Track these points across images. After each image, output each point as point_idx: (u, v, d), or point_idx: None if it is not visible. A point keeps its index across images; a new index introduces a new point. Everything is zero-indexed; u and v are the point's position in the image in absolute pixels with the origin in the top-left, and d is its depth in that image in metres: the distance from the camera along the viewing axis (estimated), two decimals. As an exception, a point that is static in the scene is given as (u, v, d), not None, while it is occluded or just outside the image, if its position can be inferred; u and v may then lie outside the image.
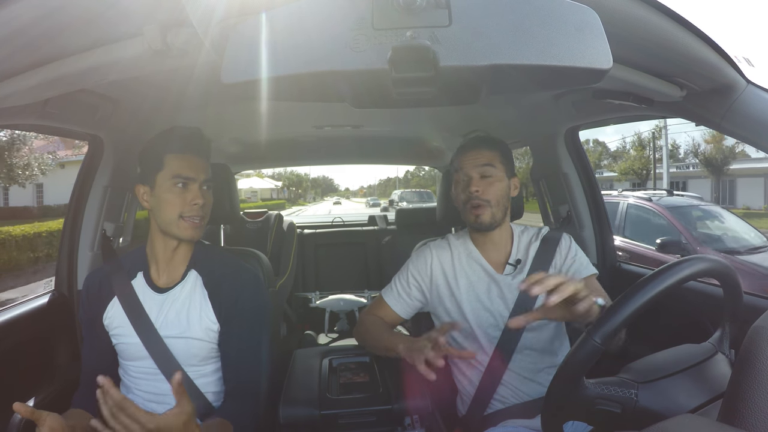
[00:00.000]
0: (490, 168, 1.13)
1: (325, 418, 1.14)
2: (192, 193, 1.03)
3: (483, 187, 1.12)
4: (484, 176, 1.13)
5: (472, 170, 1.14)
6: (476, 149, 1.16)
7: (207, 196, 1.07)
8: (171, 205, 1.02)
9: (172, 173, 1.02)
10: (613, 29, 0.56)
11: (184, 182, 1.03)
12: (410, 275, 1.23)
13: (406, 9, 0.52)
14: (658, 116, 1.17)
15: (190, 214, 1.03)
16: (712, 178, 22.68)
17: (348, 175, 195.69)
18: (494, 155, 1.15)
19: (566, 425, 0.72)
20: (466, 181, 1.15)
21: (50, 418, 0.76)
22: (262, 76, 0.55)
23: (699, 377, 0.70)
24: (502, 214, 1.15)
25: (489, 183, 1.13)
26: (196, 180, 1.04)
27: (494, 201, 1.12)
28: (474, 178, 1.13)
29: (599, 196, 1.68)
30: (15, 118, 0.97)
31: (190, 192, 1.03)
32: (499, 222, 1.15)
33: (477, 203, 1.12)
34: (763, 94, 0.83)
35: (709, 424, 0.49)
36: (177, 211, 1.02)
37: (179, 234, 1.04)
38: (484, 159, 1.14)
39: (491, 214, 1.12)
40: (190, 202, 1.02)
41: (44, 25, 0.66)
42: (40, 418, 0.75)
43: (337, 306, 2.58)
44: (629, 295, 0.65)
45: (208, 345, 1.05)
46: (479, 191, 1.12)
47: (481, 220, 1.12)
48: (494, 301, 1.15)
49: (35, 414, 0.74)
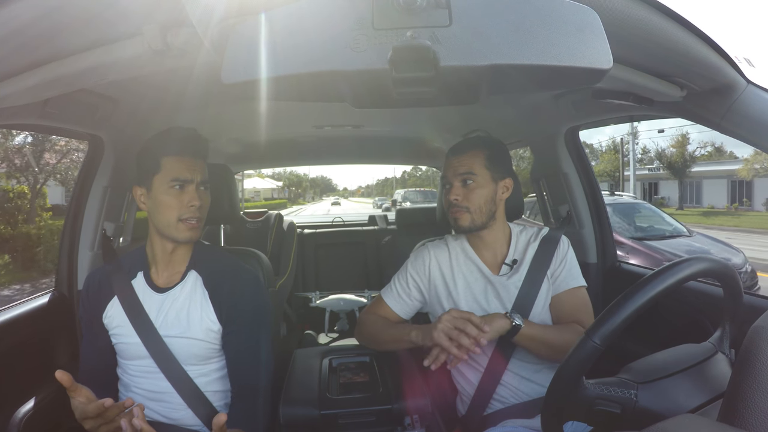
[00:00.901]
0: (470, 175, 1.15)
1: (325, 418, 1.14)
2: (189, 194, 1.03)
3: (463, 194, 1.15)
4: (464, 183, 1.16)
5: (453, 178, 1.17)
6: (457, 156, 1.18)
7: (204, 197, 1.07)
8: (168, 208, 1.02)
9: (168, 176, 1.02)
10: (613, 29, 0.56)
11: (180, 184, 1.02)
12: (409, 275, 1.24)
13: (406, 9, 0.52)
14: (658, 116, 1.17)
15: (187, 216, 1.02)
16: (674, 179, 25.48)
17: (346, 175, 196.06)
18: (476, 161, 1.16)
19: (566, 425, 0.72)
20: (448, 189, 1.18)
21: (85, 390, 0.80)
22: (262, 76, 0.55)
23: (699, 377, 0.69)
24: (485, 218, 1.16)
25: (470, 190, 1.15)
26: (192, 181, 1.03)
27: (474, 207, 1.14)
28: (454, 186, 1.16)
29: (599, 196, 1.68)
30: (15, 118, 0.97)
31: (187, 194, 1.03)
32: (481, 226, 1.16)
33: (455, 209, 1.16)
34: (763, 94, 0.83)
35: (709, 424, 0.49)
36: (175, 214, 1.02)
37: (177, 236, 1.04)
38: (464, 167, 1.16)
39: (471, 219, 1.15)
40: (187, 204, 1.02)
41: (43, 24, 0.66)
42: (77, 389, 0.79)
43: (337, 306, 2.58)
44: (629, 295, 0.65)
45: (208, 345, 1.05)
46: (458, 199, 1.15)
47: (459, 224, 1.16)
48: (491, 302, 1.15)
49: (73, 385, 0.78)
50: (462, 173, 1.15)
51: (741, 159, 23.30)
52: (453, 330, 0.97)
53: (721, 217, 19.43)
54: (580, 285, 1.17)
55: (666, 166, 25.76)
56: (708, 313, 1.19)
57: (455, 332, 0.97)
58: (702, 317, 1.21)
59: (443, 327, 0.98)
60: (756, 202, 21.95)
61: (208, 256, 1.13)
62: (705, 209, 23.28)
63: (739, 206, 22.47)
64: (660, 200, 26.44)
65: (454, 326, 0.97)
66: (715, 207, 23.48)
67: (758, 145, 0.84)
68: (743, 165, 21.03)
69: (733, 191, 23.44)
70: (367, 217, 3.52)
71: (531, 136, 1.82)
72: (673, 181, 25.99)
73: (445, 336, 0.97)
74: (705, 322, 1.19)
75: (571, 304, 1.15)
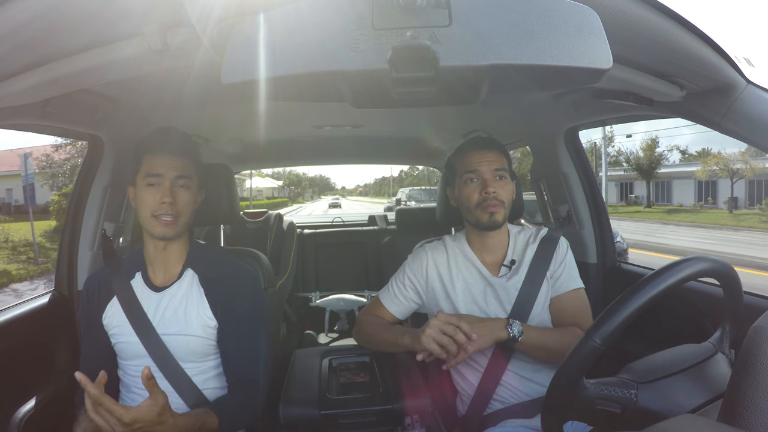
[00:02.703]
0: (503, 171, 1.16)
1: (325, 417, 1.14)
2: (161, 191, 1.03)
3: (498, 187, 1.14)
4: (499, 177, 1.15)
5: (488, 172, 1.15)
6: (484, 151, 1.17)
7: (181, 194, 1.05)
8: (143, 204, 1.03)
9: (144, 173, 1.04)
10: (613, 29, 0.56)
11: (154, 181, 1.03)
12: (406, 277, 1.24)
13: (406, 9, 0.52)
14: (658, 116, 1.17)
15: (159, 213, 1.03)
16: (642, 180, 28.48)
17: (344, 174, 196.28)
18: (504, 158, 1.18)
19: (566, 425, 0.72)
20: (482, 182, 1.15)
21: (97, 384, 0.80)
22: (261, 76, 0.54)
23: (699, 377, 0.69)
24: (508, 214, 1.17)
25: (503, 184, 1.15)
26: (165, 177, 1.03)
27: (507, 202, 1.15)
28: (489, 180, 1.14)
29: (599, 196, 1.68)
30: (15, 117, 0.97)
31: (159, 190, 1.03)
32: (504, 222, 1.17)
33: (494, 203, 1.13)
34: (763, 94, 0.83)
35: (709, 424, 0.49)
36: (149, 210, 1.03)
37: (152, 232, 1.04)
38: (498, 162, 1.16)
39: (504, 214, 1.15)
40: (159, 200, 1.03)
41: (42, 24, 0.66)
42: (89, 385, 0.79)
43: (337, 306, 2.58)
44: (629, 295, 0.65)
45: (206, 342, 1.06)
46: (497, 192, 1.13)
47: (495, 218, 1.13)
48: (490, 303, 1.15)
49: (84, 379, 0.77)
50: (497, 167, 1.15)
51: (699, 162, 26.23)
52: (441, 336, 0.97)
53: (683, 214, 22.16)
54: (579, 287, 1.17)
55: (634, 168, 28.70)
56: (708, 313, 1.19)
57: (444, 338, 0.97)
58: (702, 317, 1.21)
59: (431, 332, 0.98)
60: (719, 201, 24.65)
61: (204, 255, 1.14)
62: (673, 207, 26.33)
63: (704, 204, 25.38)
64: (634, 199, 30.22)
65: (443, 331, 0.97)
66: (684, 205, 26.39)
67: (758, 144, 0.84)
68: (701, 167, 23.91)
69: (700, 191, 26.36)
70: (367, 217, 3.52)
71: (531, 136, 1.82)
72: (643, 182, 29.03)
73: (433, 341, 0.97)
74: (705, 322, 1.19)
75: (570, 306, 1.15)
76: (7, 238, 11.89)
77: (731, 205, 22.19)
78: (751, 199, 23.01)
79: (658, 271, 0.67)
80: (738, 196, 23.16)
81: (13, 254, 10.90)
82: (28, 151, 10.69)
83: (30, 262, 10.28)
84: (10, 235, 12.06)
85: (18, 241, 11.86)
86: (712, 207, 24.50)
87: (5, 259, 10.45)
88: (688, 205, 26.11)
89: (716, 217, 20.24)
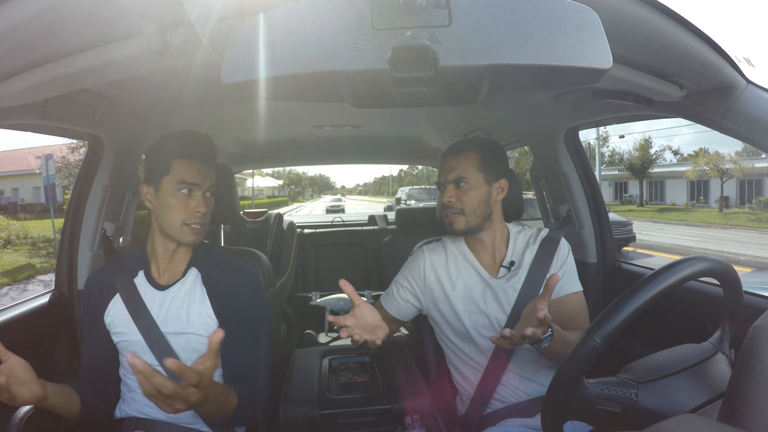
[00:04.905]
0: (463, 177, 1.15)
1: (325, 417, 1.14)
2: (196, 200, 1.04)
3: (456, 195, 1.14)
4: (457, 185, 1.15)
5: (447, 180, 1.16)
6: (449, 159, 1.17)
7: (210, 203, 1.08)
8: (175, 211, 1.03)
9: (177, 178, 1.03)
10: (613, 29, 0.56)
11: (189, 189, 1.04)
12: (405, 279, 1.24)
13: (406, 9, 0.52)
14: (658, 116, 1.17)
15: (192, 221, 1.04)
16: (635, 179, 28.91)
17: (344, 174, 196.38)
18: (468, 164, 1.15)
19: (566, 425, 0.72)
20: (442, 190, 1.17)
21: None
22: (261, 76, 0.54)
23: (699, 377, 0.69)
24: (479, 220, 1.15)
25: (463, 191, 1.14)
26: (201, 187, 1.05)
27: (468, 209, 1.14)
28: (447, 188, 1.16)
29: (599, 196, 1.68)
30: (14, 117, 0.97)
31: (194, 199, 1.04)
32: (476, 228, 1.15)
33: (450, 211, 1.15)
34: (763, 94, 0.83)
35: (709, 424, 0.49)
36: (180, 218, 1.03)
37: (181, 239, 1.05)
38: (455, 172, 1.15)
39: (465, 221, 1.14)
40: (193, 209, 1.04)
41: (41, 24, 0.66)
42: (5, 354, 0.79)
43: (337, 305, 2.57)
44: (629, 295, 0.65)
45: (207, 340, 1.05)
46: (452, 200, 1.14)
47: (454, 227, 1.15)
48: (489, 305, 1.14)
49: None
50: (456, 175, 1.15)
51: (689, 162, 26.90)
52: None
53: (675, 213, 22.63)
54: (578, 290, 1.17)
55: (627, 168, 28.99)
56: (708, 313, 1.19)
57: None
58: (702, 317, 1.21)
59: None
60: (710, 200, 25.19)
61: (208, 254, 1.14)
62: (666, 206, 26.71)
63: (696, 203, 25.83)
64: (628, 198, 30.80)
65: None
66: (676, 204, 26.82)
67: (758, 144, 0.84)
68: (691, 167, 24.14)
69: (692, 190, 26.80)
70: (367, 217, 3.52)
71: (531, 136, 1.82)
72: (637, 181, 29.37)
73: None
74: (705, 322, 1.19)
75: (570, 309, 1.14)
76: (27, 234, 12.49)
77: (721, 204, 22.54)
78: (741, 198, 23.46)
79: (658, 270, 0.67)
80: (729, 196, 23.59)
81: (33, 249, 11.49)
82: (49, 153, 11.02)
83: (51, 256, 10.77)
84: (29, 231, 12.67)
85: (37, 237, 12.41)
86: (704, 206, 24.79)
87: (28, 253, 11.06)
88: (681, 204, 26.52)
89: (706, 215, 20.56)
